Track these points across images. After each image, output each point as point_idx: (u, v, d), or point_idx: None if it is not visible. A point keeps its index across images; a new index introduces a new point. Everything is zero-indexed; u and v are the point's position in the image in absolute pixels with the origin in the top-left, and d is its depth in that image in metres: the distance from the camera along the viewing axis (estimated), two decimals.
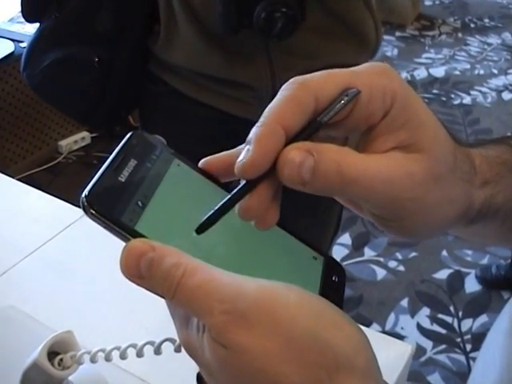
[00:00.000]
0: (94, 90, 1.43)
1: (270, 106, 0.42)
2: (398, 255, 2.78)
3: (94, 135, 3.20)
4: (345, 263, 2.76)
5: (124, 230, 0.41)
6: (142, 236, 0.41)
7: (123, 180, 0.43)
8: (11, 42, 2.82)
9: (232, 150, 0.47)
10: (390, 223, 0.47)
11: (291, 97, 0.42)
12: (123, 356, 0.62)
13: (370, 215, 0.47)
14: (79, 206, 0.42)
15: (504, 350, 0.55)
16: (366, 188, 0.42)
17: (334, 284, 0.49)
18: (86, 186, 0.42)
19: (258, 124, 0.41)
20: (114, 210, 0.42)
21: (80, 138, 3.29)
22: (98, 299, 0.97)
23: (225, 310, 0.38)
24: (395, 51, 4.73)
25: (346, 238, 2.89)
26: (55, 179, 3.11)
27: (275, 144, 0.41)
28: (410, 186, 0.43)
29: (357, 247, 2.85)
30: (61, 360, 0.70)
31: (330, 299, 0.45)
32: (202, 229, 0.43)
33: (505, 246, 0.65)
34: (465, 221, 0.51)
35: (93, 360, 0.66)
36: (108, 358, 0.64)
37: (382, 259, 2.78)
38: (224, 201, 0.43)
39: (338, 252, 2.81)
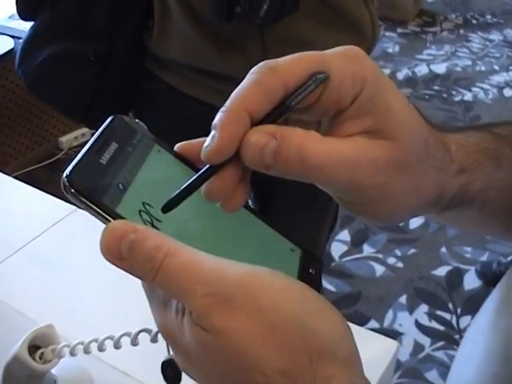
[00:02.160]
0: (90, 86, 1.43)
1: (236, 90, 0.42)
2: (397, 252, 2.78)
3: (94, 132, 3.19)
4: (343, 260, 2.76)
5: (105, 211, 0.41)
6: (122, 218, 0.41)
7: (104, 162, 0.43)
8: (11, 39, 2.82)
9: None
10: (355, 207, 0.46)
11: (258, 81, 0.42)
12: (101, 348, 0.62)
13: (336, 198, 0.47)
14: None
15: (481, 347, 0.55)
16: (328, 173, 0.42)
17: (310, 276, 0.49)
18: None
19: (222, 109, 0.41)
20: (95, 190, 0.41)
21: (80, 135, 3.29)
22: (85, 294, 0.98)
23: (207, 293, 0.38)
24: (396, 47, 4.71)
25: (344, 235, 2.89)
26: (55, 175, 3.11)
27: (239, 129, 0.41)
28: (372, 172, 0.43)
29: (356, 244, 2.84)
30: (42, 354, 0.70)
31: None
32: (166, 208, 0.43)
33: (484, 233, 0.65)
34: (437, 208, 0.50)
35: (72, 353, 0.66)
36: (87, 351, 0.64)
37: (380, 256, 2.77)
38: (188, 182, 0.43)
39: (336, 248, 2.81)
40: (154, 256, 0.39)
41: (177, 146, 0.47)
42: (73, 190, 0.40)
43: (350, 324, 0.87)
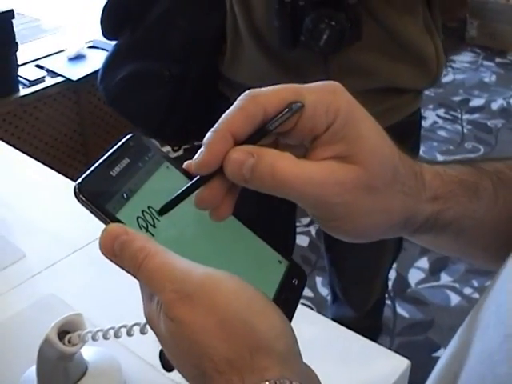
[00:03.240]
0: (165, 104, 1.52)
1: (223, 114, 0.49)
2: (475, 282, 2.76)
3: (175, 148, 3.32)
4: (420, 287, 2.76)
5: (106, 215, 0.49)
6: (120, 222, 0.49)
7: (114, 175, 0.51)
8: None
9: None
10: (325, 223, 0.53)
11: (241, 108, 0.49)
12: (117, 335, 0.71)
13: (310, 215, 0.53)
14: None
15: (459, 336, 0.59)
16: (297, 190, 0.49)
17: (293, 286, 0.55)
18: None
19: (211, 130, 0.49)
20: (100, 197, 0.49)
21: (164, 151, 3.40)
22: (131, 298, 1.06)
23: (174, 289, 0.46)
24: (493, 77, 4.66)
25: (423, 262, 2.89)
26: None
27: (223, 147, 0.48)
28: (339, 192, 0.49)
29: (433, 272, 2.84)
30: (70, 338, 0.79)
31: (286, 298, 0.53)
32: (162, 211, 0.52)
33: (468, 260, 0.69)
34: (408, 230, 0.56)
35: (94, 338, 0.75)
36: (105, 337, 0.73)
37: (457, 285, 2.76)
38: (181, 190, 0.51)
39: (414, 275, 2.82)
40: (137, 256, 0.47)
41: (185, 164, 0.55)
42: (81, 196, 0.49)
43: (365, 339, 0.92)
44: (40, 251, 1.18)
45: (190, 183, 0.51)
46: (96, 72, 1.56)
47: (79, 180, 0.49)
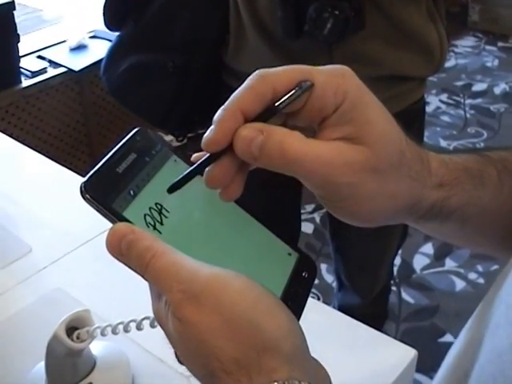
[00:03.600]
0: (169, 95, 1.52)
1: (234, 93, 0.50)
2: (479, 267, 2.77)
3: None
4: (425, 272, 2.77)
5: (113, 214, 0.49)
6: (127, 221, 0.49)
7: (120, 171, 0.51)
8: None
9: None
10: (331, 204, 0.53)
11: (251, 86, 0.50)
12: (126, 329, 0.71)
13: (317, 196, 0.54)
14: None
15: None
16: (305, 168, 0.49)
17: (302, 279, 0.55)
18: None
19: (221, 108, 0.49)
20: (106, 196, 0.49)
21: (169, 140, 3.40)
22: (138, 291, 1.06)
23: (181, 290, 0.46)
24: (496, 62, 4.63)
25: (428, 248, 2.89)
26: None
27: (233, 124, 0.49)
28: (346, 172, 0.50)
29: (438, 257, 2.85)
30: (79, 334, 0.80)
31: (296, 292, 0.53)
32: (171, 189, 0.51)
33: (475, 249, 0.69)
34: (414, 216, 0.56)
35: (103, 333, 0.76)
36: (114, 332, 0.74)
37: (462, 270, 2.77)
38: (192, 168, 0.51)
39: (419, 261, 2.83)
40: (144, 255, 0.47)
41: (193, 156, 0.55)
42: (87, 196, 0.49)
43: (371, 329, 0.92)
44: (46, 245, 1.18)
45: (201, 161, 0.51)
46: (98, 62, 1.56)
47: (85, 179, 0.49)
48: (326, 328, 0.99)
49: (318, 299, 2.68)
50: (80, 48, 3.00)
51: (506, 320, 0.46)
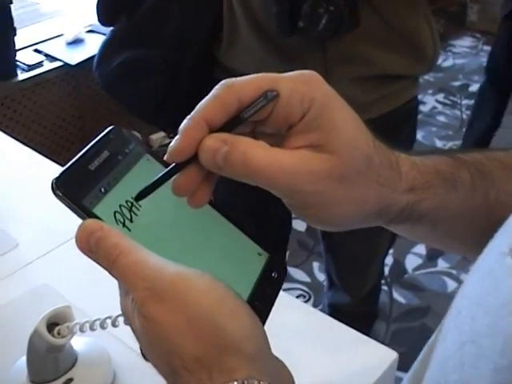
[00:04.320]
0: (160, 91, 1.52)
1: (200, 103, 0.50)
2: None
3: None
4: (416, 273, 2.78)
5: (83, 210, 0.50)
6: (97, 217, 0.50)
7: (92, 169, 0.52)
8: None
9: None
10: (299, 211, 0.53)
11: (216, 96, 0.50)
12: (102, 326, 0.72)
13: (285, 203, 0.54)
14: None
15: None
16: (269, 178, 0.49)
17: (272, 279, 0.56)
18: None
19: (186, 117, 0.50)
20: (77, 193, 0.50)
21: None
22: None
23: (145, 287, 0.47)
24: None
25: (421, 248, 2.90)
26: None
27: (198, 134, 0.49)
28: (311, 181, 0.50)
29: (430, 258, 2.85)
30: (59, 330, 0.80)
31: (264, 292, 0.54)
32: (138, 197, 0.52)
33: (448, 251, 0.69)
34: (383, 220, 0.56)
35: (81, 329, 0.76)
36: (92, 328, 0.74)
37: (454, 271, 2.78)
38: (157, 177, 0.52)
39: (411, 261, 2.83)
40: (111, 252, 0.48)
41: (166, 156, 0.55)
42: (58, 192, 0.49)
43: (354, 331, 0.93)
44: (33, 241, 1.19)
45: (166, 170, 0.51)
46: (95, 57, 1.56)
47: (56, 175, 0.50)
48: (307, 329, 0.99)
49: (310, 298, 2.69)
50: (77, 42, 3.01)
51: (454, 325, 0.46)
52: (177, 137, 0.49)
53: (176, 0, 1.46)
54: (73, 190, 0.50)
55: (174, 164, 0.51)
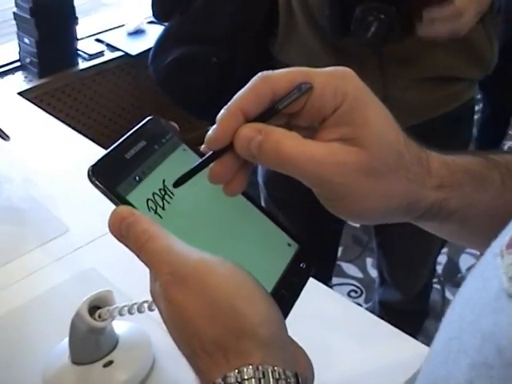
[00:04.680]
0: (212, 88, 1.53)
1: (236, 94, 0.52)
2: None
3: None
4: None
5: (117, 197, 0.51)
6: (130, 204, 0.52)
7: (128, 157, 0.53)
8: None
9: None
10: (328, 202, 0.54)
11: (252, 87, 0.51)
12: (140, 310, 0.74)
13: (315, 193, 0.55)
14: None
15: None
16: (299, 167, 0.51)
17: (299, 269, 0.57)
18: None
19: (224, 107, 0.51)
20: (112, 180, 0.52)
21: None
22: None
23: (170, 272, 0.48)
24: None
25: None
26: None
27: (234, 124, 0.51)
28: (339, 172, 0.51)
29: None
30: (100, 313, 0.82)
31: (291, 281, 0.55)
32: (176, 183, 0.53)
33: (476, 249, 0.68)
34: (412, 216, 0.57)
35: (120, 313, 0.78)
36: (130, 312, 0.77)
37: None
38: (195, 164, 0.53)
39: (465, 260, 2.80)
40: (140, 237, 0.50)
41: (202, 147, 0.57)
42: (93, 179, 0.51)
43: (392, 326, 0.92)
44: (83, 226, 1.21)
45: (204, 158, 0.53)
46: None
47: (93, 163, 0.52)
48: (344, 321, 0.99)
49: (361, 293, 2.68)
50: (138, 33, 3.05)
51: (447, 321, 0.46)
52: (214, 126, 0.51)
53: None
54: (108, 178, 0.52)
55: (211, 152, 0.52)
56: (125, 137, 0.54)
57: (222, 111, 0.51)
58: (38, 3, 2.55)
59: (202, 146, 0.56)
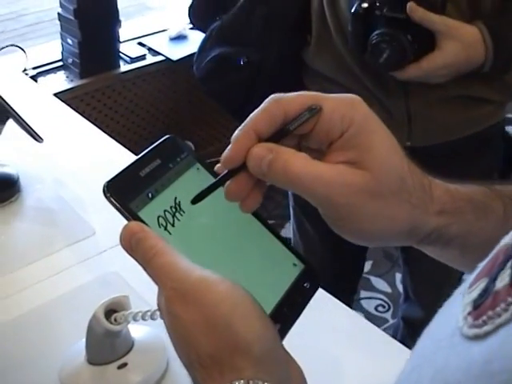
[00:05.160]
0: (243, 87, 1.59)
1: (250, 115, 0.55)
2: None
3: None
4: None
5: (129, 213, 0.55)
6: (141, 220, 0.54)
7: (142, 175, 0.56)
8: None
9: None
10: (332, 221, 0.57)
11: (265, 109, 0.55)
12: (152, 317, 0.77)
13: (320, 213, 0.57)
14: None
15: None
16: (306, 187, 0.54)
17: (303, 289, 0.59)
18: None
19: (238, 128, 0.55)
20: (125, 197, 0.55)
21: None
22: None
23: (173, 287, 0.51)
24: None
25: None
26: None
27: (246, 144, 0.54)
28: (345, 193, 0.53)
29: None
30: (116, 317, 0.85)
31: (294, 300, 0.57)
32: (194, 201, 0.56)
33: None
34: (413, 240, 0.59)
35: (134, 318, 0.81)
36: (144, 318, 0.79)
37: None
38: (211, 182, 0.56)
39: None
40: (147, 252, 0.53)
41: (216, 167, 0.60)
42: (108, 195, 0.54)
43: (403, 347, 0.93)
44: (109, 230, 1.24)
45: (220, 176, 0.56)
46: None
47: (109, 179, 0.55)
48: (354, 335, 1.01)
49: (389, 308, 2.68)
50: (180, 38, 3.09)
51: (415, 348, 0.47)
52: (229, 146, 0.54)
53: (262, 2, 1.51)
54: (122, 194, 0.54)
55: (226, 171, 0.55)
56: (141, 154, 0.57)
57: (237, 131, 0.54)
58: (82, 5, 2.60)
59: (217, 166, 0.59)
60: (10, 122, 1.27)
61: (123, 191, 0.55)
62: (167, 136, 0.60)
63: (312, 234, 1.74)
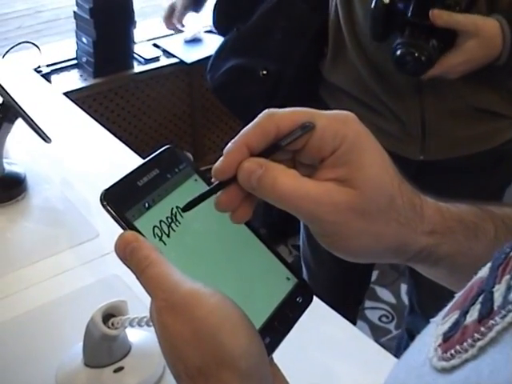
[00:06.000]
0: (260, 98, 1.59)
1: (243, 129, 0.55)
2: None
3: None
4: None
5: (125, 222, 0.55)
6: (137, 230, 0.55)
7: (140, 185, 0.56)
8: None
9: None
10: (320, 238, 0.57)
11: (258, 124, 0.54)
12: (148, 323, 0.77)
13: (309, 228, 0.57)
14: None
15: None
16: (293, 203, 0.54)
17: (295, 304, 0.59)
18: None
19: (231, 141, 0.55)
20: (122, 206, 0.55)
21: None
22: None
23: (163, 298, 0.51)
24: None
25: None
26: None
27: (238, 157, 0.54)
28: (332, 211, 0.53)
29: None
30: (113, 322, 0.86)
31: (285, 314, 0.57)
32: (184, 208, 0.56)
33: None
34: (401, 258, 0.59)
35: (131, 324, 0.82)
36: (140, 324, 0.80)
37: None
38: (202, 192, 0.56)
39: None
40: (141, 262, 0.53)
41: (213, 178, 0.60)
42: (105, 203, 0.55)
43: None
44: (113, 233, 1.23)
45: (210, 187, 0.56)
46: (210, 57, 1.66)
47: (106, 188, 0.55)
48: (352, 348, 1.01)
49: (392, 319, 2.68)
50: (195, 41, 3.09)
51: (392, 371, 0.47)
52: (221, 158, 0.54)
53: (283, 13, 1.51)
54: (118, 203, 0.55)
55: (217, 182, 0.55)
56: (140, 164, 0.57)
57: (229, 144, 0.54)
58: (98, 4, 2.62)
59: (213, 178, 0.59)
60: (19, 121, 1.27)
61: (120, 200, 0.55)
62: (166, 146, 0.60)
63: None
